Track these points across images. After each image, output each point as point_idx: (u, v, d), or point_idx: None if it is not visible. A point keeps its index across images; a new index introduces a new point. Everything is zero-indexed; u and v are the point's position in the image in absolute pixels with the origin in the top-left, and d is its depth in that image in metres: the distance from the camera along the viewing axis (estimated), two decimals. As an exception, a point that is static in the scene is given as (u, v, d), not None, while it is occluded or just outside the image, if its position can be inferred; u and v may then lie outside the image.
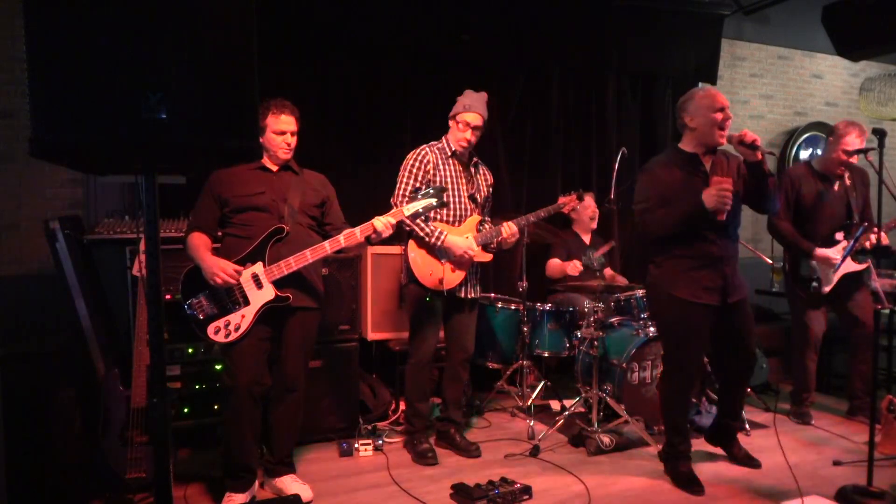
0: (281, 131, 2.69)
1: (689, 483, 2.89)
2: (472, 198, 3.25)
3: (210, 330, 2.56)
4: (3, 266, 3.60)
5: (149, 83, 1.33)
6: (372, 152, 4.28)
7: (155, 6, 1.33)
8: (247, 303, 2.57)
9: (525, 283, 3.83)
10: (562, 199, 3.47)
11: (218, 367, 3.28)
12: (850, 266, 3.60)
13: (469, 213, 3.23)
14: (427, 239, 3.08)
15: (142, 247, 2.54)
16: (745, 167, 2.75)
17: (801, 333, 3.82)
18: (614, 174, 3.80)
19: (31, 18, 1.26)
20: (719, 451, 3.25)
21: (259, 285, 2.58)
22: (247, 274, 2.58)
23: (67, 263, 3.00)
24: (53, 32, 1.27)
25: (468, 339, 3.32)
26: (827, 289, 3.62)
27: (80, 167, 1.96)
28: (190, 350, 3.26)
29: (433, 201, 2.73)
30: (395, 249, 3.83)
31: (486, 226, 3.29)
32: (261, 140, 2.70)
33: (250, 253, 2.59)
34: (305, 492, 2.75)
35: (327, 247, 2.63)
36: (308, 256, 2.60)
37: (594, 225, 4.50)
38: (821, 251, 3.57)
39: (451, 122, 3.24)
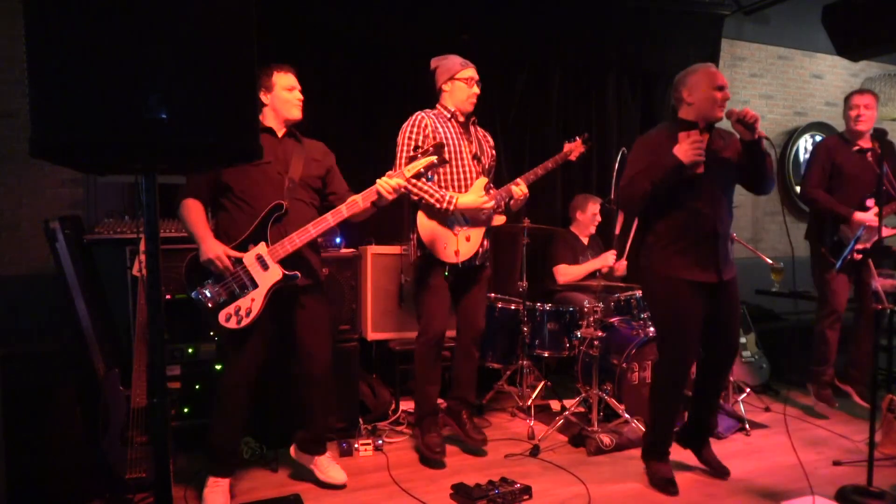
0: (292, 86, 2.65)
1: (666, 484, 2.83)
2: (475, 158, 3.14)
3: (221, 317, 2.50)
4: (3, 266, 3.60)
5: (149, 83, 1.33)
6: (371, 152, 4.28)
7: (155, 6, 1.33)
8: (255, 285, 2.52)
9: (525, 283, 3.83)
10: (567, 146, 3.36)
11: (218, 367, 3.27)
12: (886, 231, 3.59)
13: (475, 175, 3.12)
14: (438, 205, 2.96)
15: (142, 247, 2.57)
16: (741, 145, 2.69)
17: (824, 303, 3.84)
18: (614, 174, 3.80)
19: (31, 19, 1.26)
20: (717, 450, 3.24)
21: (265, 266, 2.53)
22: (250, 256, 2.53)
23: (67, 263, 3.00)
24: (53, 33, 1.27)
25: (479, 315, 3.22)
26: (865, 245, 3.58)
27: (80, 167, 1.95)
28: (190, 350, 3.26)
29: (433, 159, 2.60)
30: (395, 249, 3.83)
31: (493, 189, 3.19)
32: (266, 100, 2.65)
33: (251, 234, 2.54)
34: (341, 474, 2.85)
35: (330, 219, 2.57)
36: (311, 231, 2.55)
37: (593, 230, 4.48)
38: (859, 215, 3.64)
39: (447, 86, 3.12)
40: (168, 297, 3.18)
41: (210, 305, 2.51)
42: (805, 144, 5.97)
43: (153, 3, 1.33)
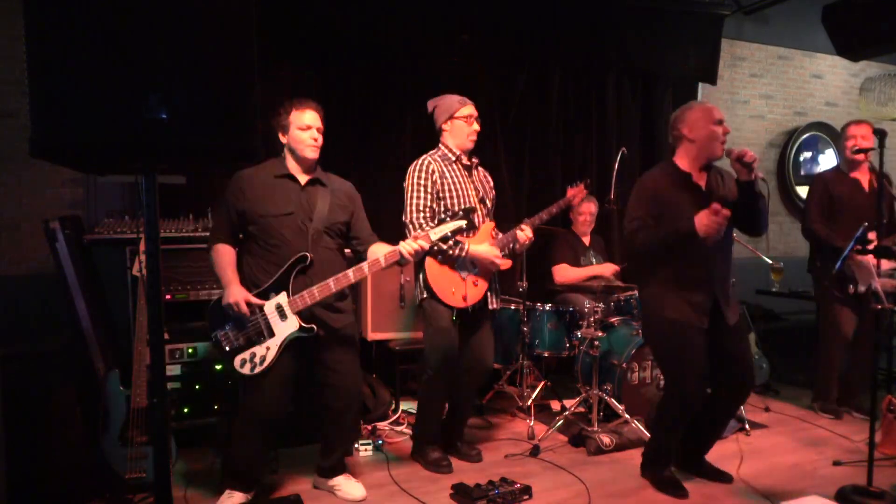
0: (306, 126, 2.60)
1: (675, 487, 2.82)
2: (482, 201, 3.13)
3: (237, 362, 2.53)
4: (3, 266, 3.60)
5: (149, 83, 1.33)
6: (371, 152, 4.28)
7: (155, 6, 1.33)
8: (271, 334, 2.53)
9: (525, 283, 3.83)
10: (570, 192, 3.36)
11: (218, 367, 3.28)
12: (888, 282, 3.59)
13: (482, 219, 3.10)
14: (450, 252, 2.93)
15: (142, 247, 2.57)
16: (737, 185, 2.67)
17: (830, 332, 3.83)
18: (614, 174, 3.80)
19: (31, 19, 1.26)
20: (715, 450, 3.23)
21: (283, 316, 2.54)
22: (271, 305, 2.54)
23: (67, 263, 3.00)
24: (53, 33, 1.27)
25: (489, 353, 3.18)
26: (863, 288, 3.63)
27: (80, 167, 1.96)
28: (190, 350, 3.26)
29: (462, 223, 2.60)
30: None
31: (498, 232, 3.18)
32: (284, 141, 2.65)
33: (274, 283, 2.55)
34: (359, 490, 2.81)
35: (351, 275, 2.55)
36: (332, 287, 2.54)
37: (589, 228, 4.47)
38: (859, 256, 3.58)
39: (447, 126, 3.09)
40: (168, 297, 3.18)
41: (227, 349, 2.54)
42: (803, 153, 5.98)
43: (153, 3, 1.33)
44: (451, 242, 2.90)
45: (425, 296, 3.02)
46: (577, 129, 4.93)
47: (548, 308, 3.95)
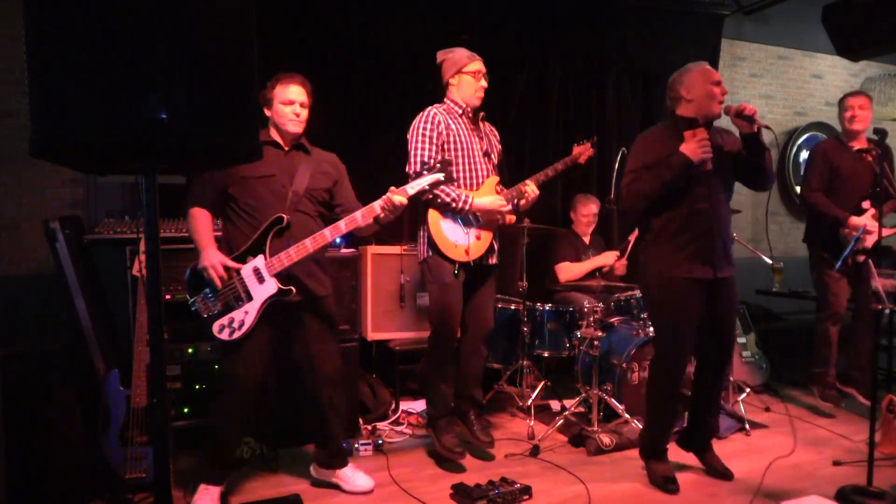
0: (289, 101, 2.60)
1: (665, 482, 2.83)
2: (486, 155, 3.12)
3: (215, 328, 2.52)
4: (3, 266, 3.60)
5: (149, 83, 1.33)
6: (371, 153, 4.28)
7: (155, 6, 1.33)
8: (249, 298, 2.51)
9: (525, 283, 3.83)
10: (577, 149, 3.35)
11: (217, 366, 3.27)
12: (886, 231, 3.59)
13: (486, 173, 3.09)
14: (454, 205, 2.93)
15: (142, 247, 2.57)
16: (741, 140, 2.70)
17: (824, 305, 3.85)
18: (614, 174, 3.80)
19: (31, 19, 1.26)
20: (716, 450, 3.23)
21: (261, 279, 2.52)
22: (248, 268, 2.52)
23: (67, 263, 3.01)
24: (53, 32, 1.27)
25: (489, 313, 3.18)
26: (861, 257, 3.60)
27: (80, 167, 1.96)
28: (190, 350, 3.25)
29: (440, 176, 2.57)
30: (395, 249, 3.83)
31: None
32: (268, 114, 2.65)
33: (251, 246, 2.53)
34: (368, 481, 2.82)
35: (328, 234, 2.54)
36: (308, 246, 2.52)
37: (590, 228, 4.47)
38: (855, 219, 3.66)
39: (454, 80, 3.09)
40: (168, 297, 3.18)
41: (205, 315, 2.52)
42: (803, 153, 5.98)
43: (153, 3, 1.33)
44: (454, 195, 2.91)
45: (430, 253, 3.01)
46: (577, 129, 4.90)
47: (548, 308, 3.95)
